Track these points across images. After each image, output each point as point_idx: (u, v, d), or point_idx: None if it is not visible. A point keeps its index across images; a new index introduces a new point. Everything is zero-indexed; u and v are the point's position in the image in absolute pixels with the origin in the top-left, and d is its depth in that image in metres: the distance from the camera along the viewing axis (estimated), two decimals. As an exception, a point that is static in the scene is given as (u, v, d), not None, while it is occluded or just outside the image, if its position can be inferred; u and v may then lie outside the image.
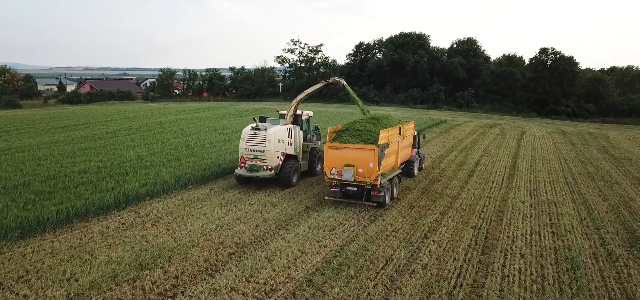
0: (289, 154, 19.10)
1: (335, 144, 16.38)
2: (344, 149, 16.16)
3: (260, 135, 18.31)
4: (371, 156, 15.60)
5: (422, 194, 18.47)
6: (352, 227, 14.31)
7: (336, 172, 16.14)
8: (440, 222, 14.95)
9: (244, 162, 18.61)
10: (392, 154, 17.35)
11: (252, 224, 14.31)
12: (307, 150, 20.67)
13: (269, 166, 18.24)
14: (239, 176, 18.78)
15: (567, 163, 25.97)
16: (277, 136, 18.37)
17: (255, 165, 18.41)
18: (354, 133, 16.87)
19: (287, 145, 18.93)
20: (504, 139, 35.85)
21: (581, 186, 20.38)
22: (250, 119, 42.17)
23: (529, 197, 18.25)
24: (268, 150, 18.11)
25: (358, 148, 15.97)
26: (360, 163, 15.79)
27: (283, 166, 18.59)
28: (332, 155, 16.28)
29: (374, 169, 15.57)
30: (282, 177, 18.53)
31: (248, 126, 19.04)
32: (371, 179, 15.67)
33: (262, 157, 18.25)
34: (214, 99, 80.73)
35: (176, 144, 27.21)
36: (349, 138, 16.55)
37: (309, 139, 21.07)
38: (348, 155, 16.03)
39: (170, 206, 16.12)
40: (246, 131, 18.74)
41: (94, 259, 11.58)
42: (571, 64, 62.68)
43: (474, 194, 18.57)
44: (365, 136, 16.52)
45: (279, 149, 18.50)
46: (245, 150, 18.56)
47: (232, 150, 25.55)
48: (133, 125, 36.12)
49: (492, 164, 24.92)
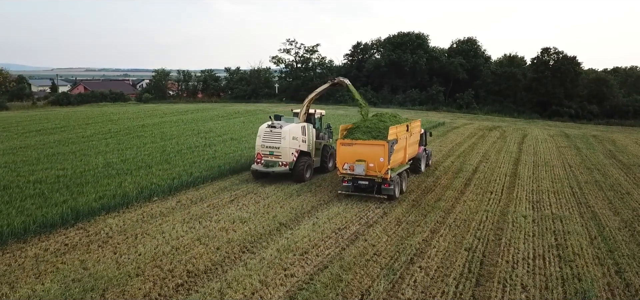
0: (303, 151, 20.02)
1: (347, 140, 17.24)
2: (355, 145, 17.00)
3: (276, 133, 19.20)
4: (381, 151, 16.49)
5: (412, 207, 16.59)
6: (328, 248, 12.44)
7: (348, 167, 17.02)
8: (429, 242, 13.06)
9: (260, 158, 19.52)
10: (401, 150, 18.24)
11: (213, 246, 12.46)
12: (319, 147, 21.47)
13: (283, 162, 19.16)
14: (255, 171, 19.69)
15: (572, 170, 24.06)
16: (291, 133, 19.27)
17: (270, 161, 19.31)
18: (364, 130, 17.64)
19: (301, 142, 19.86)
20: (505, 142, 33.94)
21: (589, 197, 18.46)
22: (238, 121, 40.44)
23: (532, 211, 16.35)
24: (283, 147, 19.02)
25: (369, 144, 16.82)
26: (371, 158, 16.68)
27: (297, 162, 19.47)
28: (344, 151, 17.15)
29: (384, 163, 16.48)
30: (296, 172, 19.39)
31: (264, 124, 19.86)
32: (382, 172, 16.57)
33: (277, 153, 19.16)
34: (208, 100, 78.99)
35: (152, 149, 25.37)
36: (360, 135, 17.36)
37: (321, 137, 21.91)
38: (359, 151, 16.91)
39: (127, 222, 14.27)
40: (262, 129, 19.60)
41: (13, 292, 9.73)
42: (574, 64, 60.72)
43: (470, 207, 16.67)
44: (375, 133, 17.29)
45: (294, 146, 19.40)
46: (262, 147, 19.43)
47: (211, 155, 23.71)
48: (113, 129, 34.28)
49: (492, 171, 23.02)
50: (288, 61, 78.08)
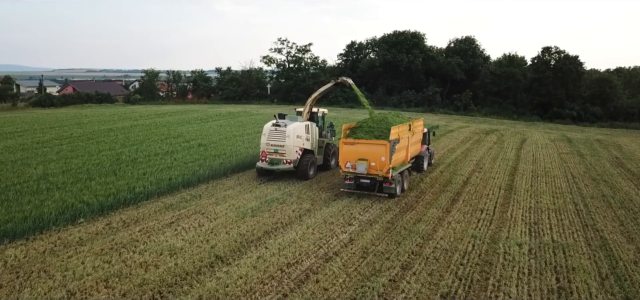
0: (307, 149, 20.32)
1: (349, 139, 17.41)
2: (358, 144, 17.15)
3: (281, 131, 19.46)
4: (383, 151, 16.63)
5: (385, 230, 13.88)
6: (265, 296, 9.73)
7: (351, 166, 17.22)
8: (397, 284, 10.35)
9: (265, 156, 19.77)
10: (403, 149, 18.34)
11: (120, 291, 9.77)
12: (322, 145, 21.83)
13: (288, 160, 19.41)
14: (260, 169, 19.93)
15: (575, 181, 21.32)
16: (296, 132, 19.52)
17: (275, 159, 19.54)
18: (367, 130, 17.75)
19: (304, 141, 20.11)
20: (502, 148, 31.20)
21: (596, 217, 15.73)
22: (215, 124, 37.77)
23: (528, 237, 13.63)
24: (288, 145, 19.30)
25: (371, 143, 16.95)
26: (373, 157, 16.83)
27: (301, 160, 19.76)
28: (347, 150, 17.32)
29: (386, 162, 16.62)
30: (300, 170, 19.72)
31: (269, 123, 20.08)
32: (383, 171, 16.73)
33: (281, 151, 19.43)
34: (198, 101, 76.39)
35: (105, 158, 22.69)
36: (363, 134, 17.50)
37: (324, 135, 22.14)
38: (362, 150, 17.04)
39: (30, 254, 11.61)
40: (267, 127, 19.86)
41: None
42: (576, 63, 57.86)
43: (454, 231, 13.96)
44: (378, 132, 17.36)
45: (298, 144, 19.66)
46: (266, 145, 19.67)
47: (167, 165, 21.03)
48: (75, 133, 31.56)
49: (485, 183, 20.31)
50: (280, 61, 75.36)
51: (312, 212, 15.60)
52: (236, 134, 31.38)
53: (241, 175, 20.73)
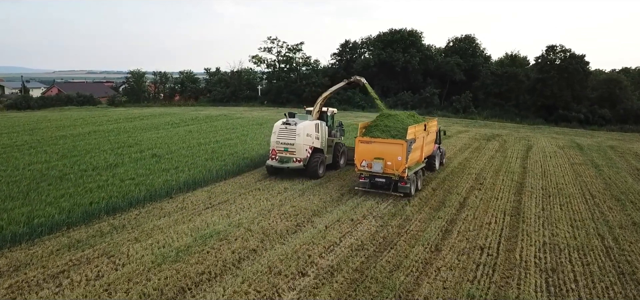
0: (316, 148, 20.31)
1: (366, 138, 17.29)
2: (374, 143, 17.03)
3: (291, 130, 19.43)
4: (400, 150, 16.53)
5: (349, 286, 10.11)
6: None
7: (366, 164, 17.12)
8: None
9: (275, 155, 19.74)
10: (418, 149, 18.16)
11: None
12: (331, 144, 21.75)
13: (298, 158, 19.38)
14: (270, 167, 19.90)
15: (596, 203, 17.53)
16: (306, 130, 19.52)
17: (285, 157, 19.54)
18: (383, 129, 17.69)
19: (314, 139, 20.12)
20: (505, 157, 27.41)
21: (633, 259, 11.95)
22: (185, 130, 33.97)
23: (546, 296, 9.86)
24: (298, 144, 19.28)
25: (387, 142, 16.89)
26: (389, 156, 16.74)
27: (311, 159, 19.70)
28: (363, 149, 17.17)
29: (402, 161, 16.51)
30: (309, 168, 19.63)
31: (279, 121, 20.06)
32: (399, 171, 16.61)
33: (291, 149, 19.42)
34: (184, 103, 72.78)
35: (31, 172, 18.91)
36: (379, 133, 17.44)
37: (333, 135, 22.11)
38: (378, 149, 16.93)
39: None
40: (277, 126, 19.84)
41: None
42: (582, 63, 54.01)
43: (444, 285, 10.18)
44: (394, 132, 17.35)
45: (307, 143, 19.64)
46: (276, 143, 19.66)
47: (99, 184, 17.26)
48: (20, 140, 27.69)
49: (485, 206, 16.54)
50: (270, 61, 71.56)
51: (258, 253, 11.85)
52: (202, 142, 27.58)
53: (188, 196, 16.98)
